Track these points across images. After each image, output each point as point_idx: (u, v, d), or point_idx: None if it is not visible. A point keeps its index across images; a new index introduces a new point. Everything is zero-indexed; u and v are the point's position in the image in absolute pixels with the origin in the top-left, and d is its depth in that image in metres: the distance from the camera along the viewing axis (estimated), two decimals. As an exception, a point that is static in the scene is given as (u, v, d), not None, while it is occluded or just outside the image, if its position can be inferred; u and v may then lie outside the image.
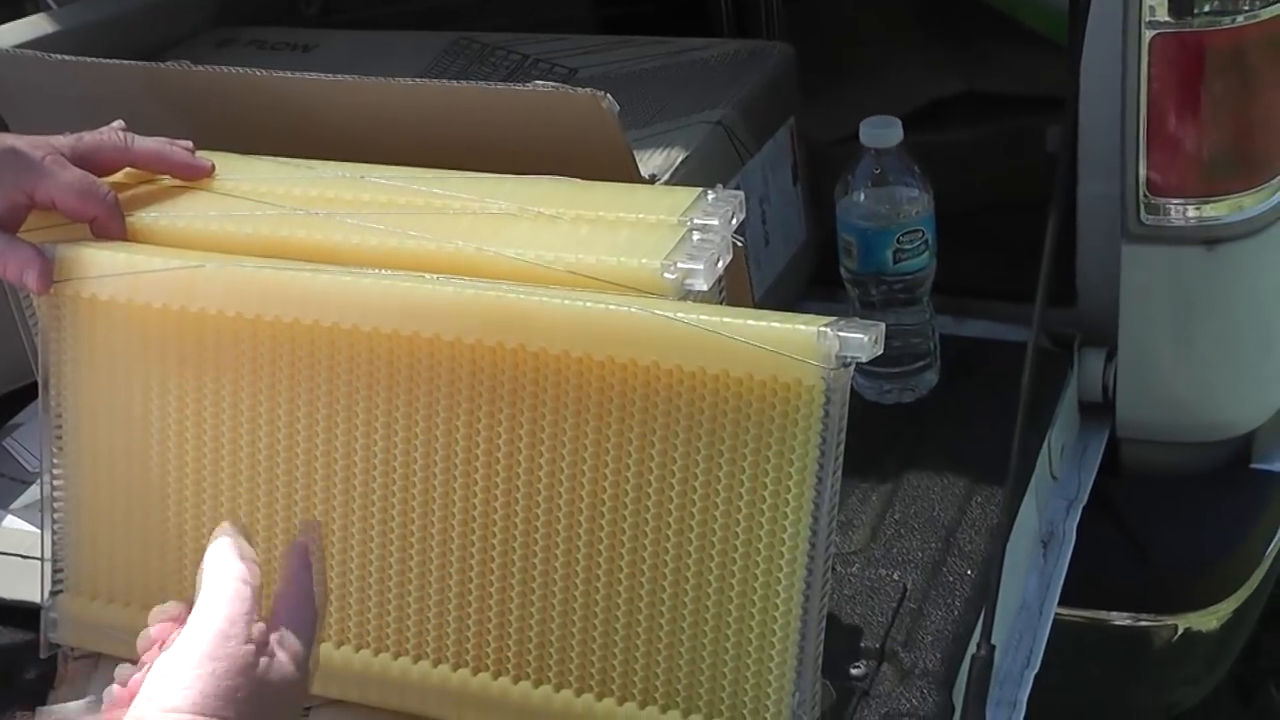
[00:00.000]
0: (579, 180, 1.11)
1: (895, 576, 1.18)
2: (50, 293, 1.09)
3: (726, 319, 0.95)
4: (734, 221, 1.05)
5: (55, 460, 1.13)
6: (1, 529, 1.31)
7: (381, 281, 1.02)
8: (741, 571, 0.98)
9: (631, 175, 1.21)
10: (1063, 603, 1.30)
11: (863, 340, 0.94)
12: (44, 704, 1.13)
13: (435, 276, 1.02)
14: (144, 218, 1.12)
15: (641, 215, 1.06)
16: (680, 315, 0.95)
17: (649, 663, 1.01)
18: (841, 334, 0.94)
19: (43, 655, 1.15)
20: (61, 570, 1.14)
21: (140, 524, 1.11)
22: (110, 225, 1.11)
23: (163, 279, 1.06)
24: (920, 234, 1.31)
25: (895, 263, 1.32)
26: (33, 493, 1.34)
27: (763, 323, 0.95)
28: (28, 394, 1.10)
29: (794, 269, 1.49)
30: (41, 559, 1.15)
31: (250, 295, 1.04)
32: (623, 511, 0.99)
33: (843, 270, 1.36)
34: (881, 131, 1.30)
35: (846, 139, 1.49)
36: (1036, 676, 1.23)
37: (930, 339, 1.37)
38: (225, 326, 1.06)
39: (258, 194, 1.13)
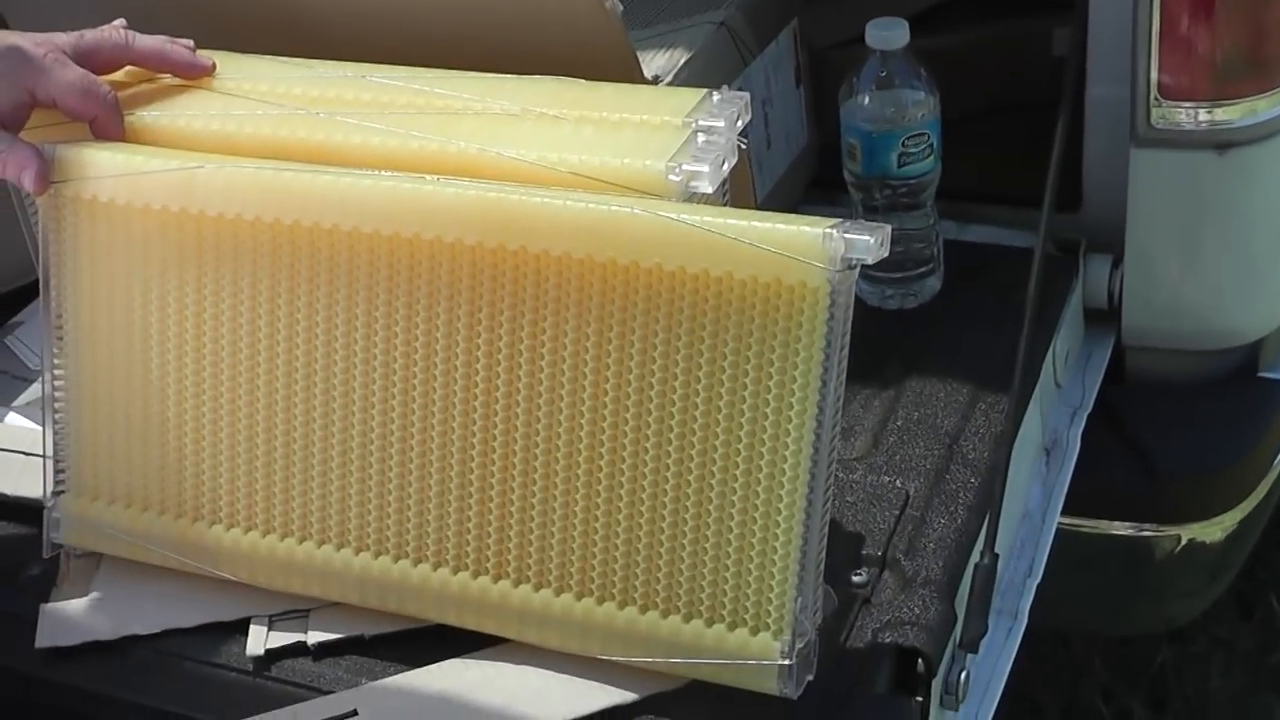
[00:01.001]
0: (582, 81, 1.10)
1: (898, 484, 1.17)
2: (49, 193, 1.07)
3: (730, 220, 0.94)
4: (739, 124, 1.03)
5: (56, 360, 1.12)
6: (3, 426, 1.30)
7: (381, 183, 1.00)
8: (744, 477, 0.97)
9: (634, 76, 1.19)
10: (1064, 512, 1.29)
11: (869, 242, 0.92)
12: (47, 601, 1.13)
13: (435, 178, 1.00)
14: (144, 117, 1.10)
15: (645, 116, 1.04)
16: (683, 216, 0.94)
17: (649, 567, 1.00)
18: (847, 235, 0.92)
19: (45, 555, 1.15)
20: (64, 471, 1.14)
21: (140, 425, 1.11)
22: (110, 125, 1.09)
23: (162, 180, 1.05)
24: (925, 138, 1.29)
25: (900, 166, 1.30)
26: (34, 390, 1.33)
27: (767, 224, 0.94)
28: (30, 292, 1.09)
29: (795, 172, 1.48)
30: (44, 456, 1.14)
31: (249, 197, 1.03)
32: (623, 415, 0.98)
33: (846, 174, 1.34)
34: (888, 33, 1.28)
35: (848, 42, 1.47)
36: (1038, 586, 1.22)
37: (934, 244, 1.35)
38: (224, 228, 1.04)
39: (258, 93, 1.12)
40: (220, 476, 1.09)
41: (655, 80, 1.23)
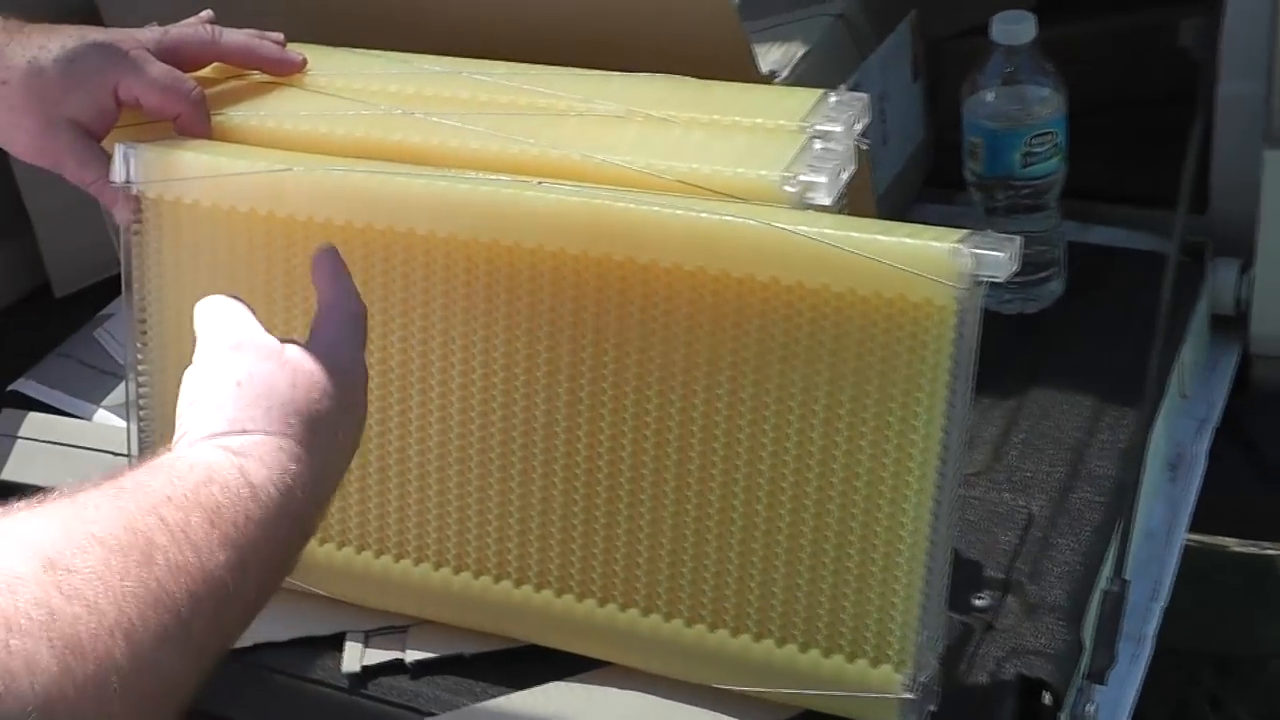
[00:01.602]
0: (691, 79, 1.04)
1: (1020, 502, 1.12)
2: (134, 195, 1.03)
3: (852, 233, 0.88)
4: (857, 128, 0.98)
5: (140, 366, 1.08)
6: (92, 425, 1.27)
7: (480, 187, 0.96)
8: (865, 503, 0.92)
9: (749, 71, 1.14)
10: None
11: (1000, 258, 0.87)
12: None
13: (538, 182, 0.95)
14: (232, 116, 1.06)
15: (759, 120, 0.99)
16: (801, 228, 0.89)
17: (764, 594, 0.95)
18: (977, 250, 0.87)
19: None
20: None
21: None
22: (195, 123, 1.05)
23: (249, 182, 1.00)
24: (1051, 136, 1.23)
25: (1024, 166, 1.24)
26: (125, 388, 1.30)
27: (891, 237, 0.88)
28: (119, 283, 1.05)
29: (911, 169, 1.42)
30: (129, 456, 1.10)
31: (341, 200, 0.99)
32: (738, 435, 0.93)
33: (967, 173, 1.28)
34: (1014, 27, 1.22)
35: (966, 33, 1.41)
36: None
37: (1057, 247, 1.29)
38: (315, 232, 1.00)
39: (351, 91, 1.07)
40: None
41: (771, 76, 1.17)
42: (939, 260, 0.87)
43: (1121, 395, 1.20)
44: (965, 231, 0.89)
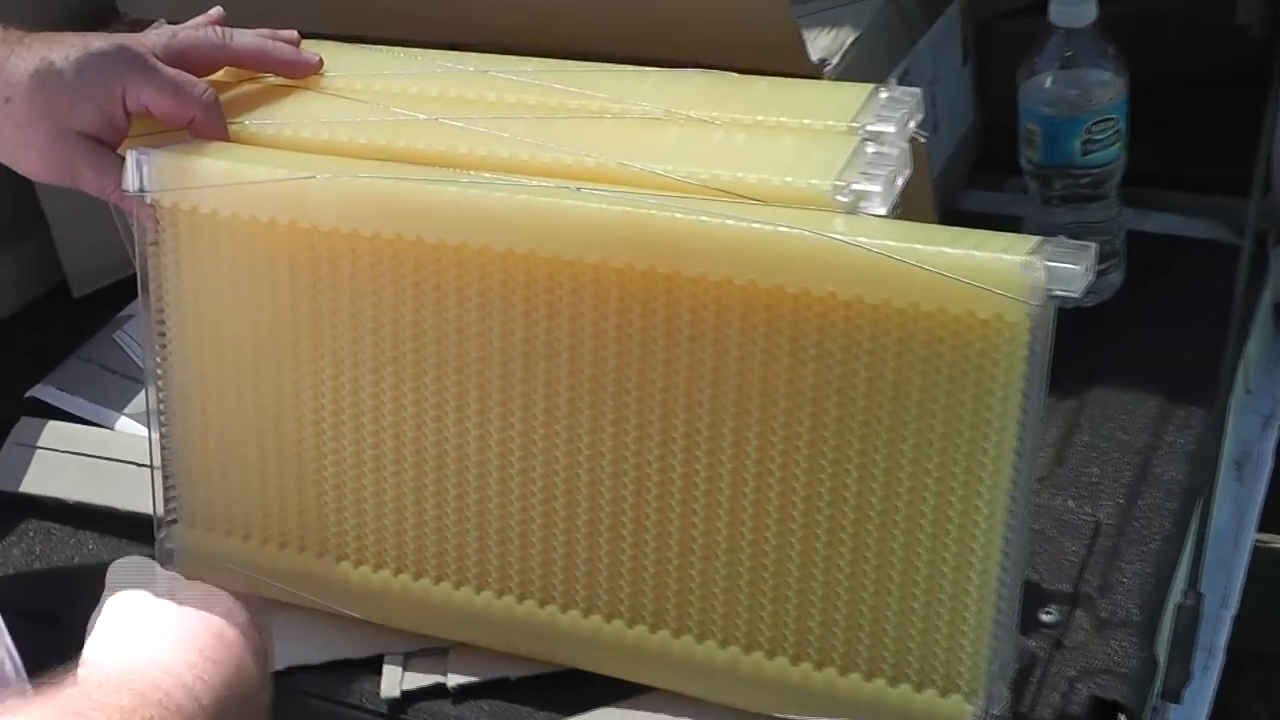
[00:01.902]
0: (731, 74, 0.98)
1: (1086, 509, 1.06)
2: (146, 202, 0.98)
3: (917, 244, 0.83)
4: (911, 125, 0.92)
5: (160, 381, 1.03)
6: (113, 434, 1.22)
7: (515, 196, 0.90)
8: (932, 526, 0.87)
9: (799, 59, 1.08)
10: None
11: (1075, 272, 0.81)
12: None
13: (577, 188, 0.90)
14: (246, 125, 1.00)
15: (806, 120, 0.93)
16: (863, 240, 0.83)
17: (826, 621, 0.90)
18: (1051, 264, 0.81)
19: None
20: (174, 500, 1.05)
21: (257, 454, 1.02)
22: (210, 125, 1.00)
23: (270, 191, 0.95)
24: (1113, 123, 1.17)
25: (1084, 154, 1.18)
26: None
27: (959, 249, 0.82)
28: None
29: (960, 155, 1.36)
30: (152, 466, 1.05)
31: (367, 210, 0.93)
32: (796, 457, 0.88)
33: (1023, 161, 1.22)
34: (1074, 9, 1.15)
35: (1015, 12, 1.35)
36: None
37: (1117, 237, 1.23)
38: (341, 243, 0.95)
39: (371, 93, 1.02)
40: (345, 510, 1.00)
41: (822, 64, 1.12)
42: (1010, 274, 0.81)
43: (1188, 393, 1.15)
44: (1036, 240, 0.83)
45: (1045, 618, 0.99)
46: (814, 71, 1.12)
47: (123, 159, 0.97)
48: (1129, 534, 1.04)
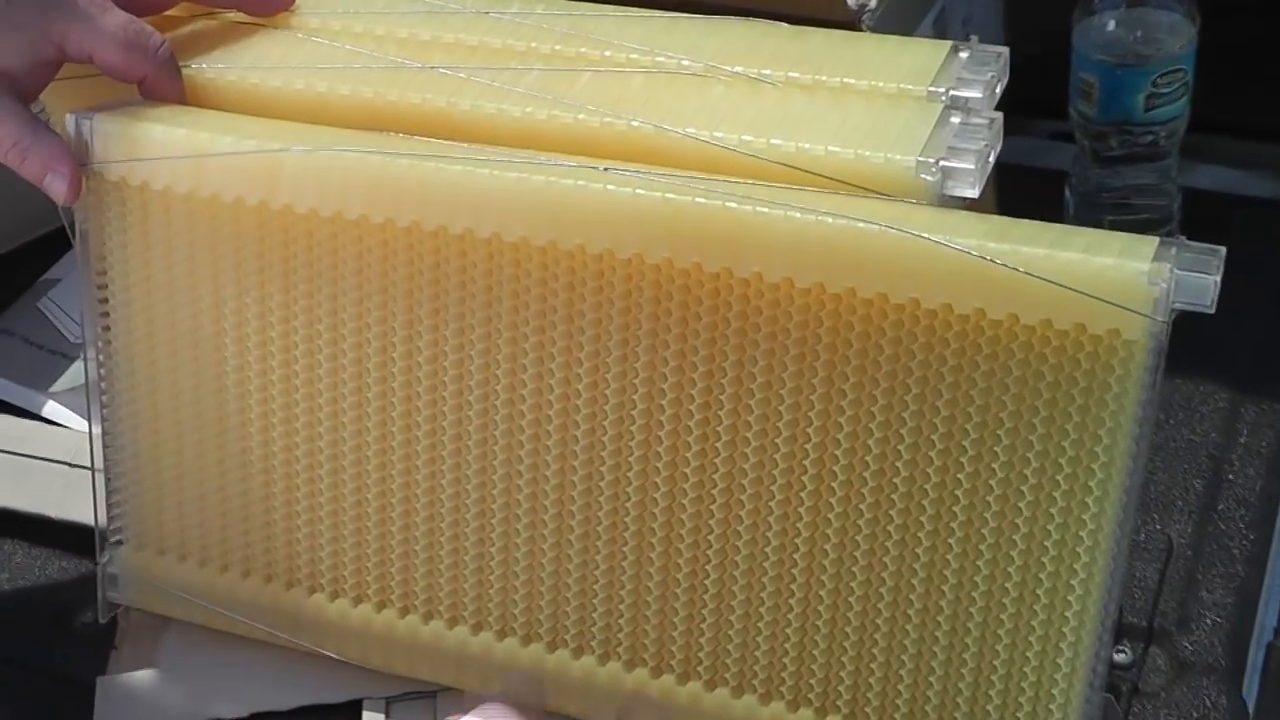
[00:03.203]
0: (779, 24, 0.84)
1: (1157, 526, 0.94)
2: (88, 176, 0.83)
3: (1022, 246, 0.69)
4: (997, 91, 0.79)
5: (102, 385, 0.88)
6: (41, 428, 1.06)
7: (530, 178, 0.75)
8: (1020, 574, 0.74)
9: (832, 3, 0.94)
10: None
11: (1205, 283, 0.68)
12: (105, 656, 0.92)
13: (604, 168, 0.75)
14: (204, 72, 0.85)
15: (875, 81, 0.79)
16: (958, 241, 0.69)
17: (887, 676, 0.78)
18: (1180, 273, 0.68)
19: (102, 620, 0.93)
20: (119, 519, 0.91)
21: (217, 468, 0.87)
22: (163, 85, 0.84)
23: (236, 165, 0.80)
24: (1181, 75, 1.03)
25: (1147, 110, 1.04)
26: (78, 370, 1.10)
27: (1070, 253, 0.69)
28: (64, 239, 0.85)
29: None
30: (93, 468, 0.90)
31: (353, 190, 0.78)
32: (859, 492, 0.75)
33: (1074, 115, 1.07)
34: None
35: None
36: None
37: (1174, 198, 1.10)
38: (320, 229, 0.80)
39: (353, 36, 0.87)
40: (320, 536, 0.86)
41: (861, 8, 0.97)
42: (1132, 284, 0.68)
43: (1256, 386, 1.02)
44: (1155, 243, 0.70)
45: (1119, 657, 0.87)
46: (850, 19, 0.98)
47: (51, 136, 0.82)
48: (1206, 555, 0.92)
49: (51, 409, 1.08)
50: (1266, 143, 1.17)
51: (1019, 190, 1.10)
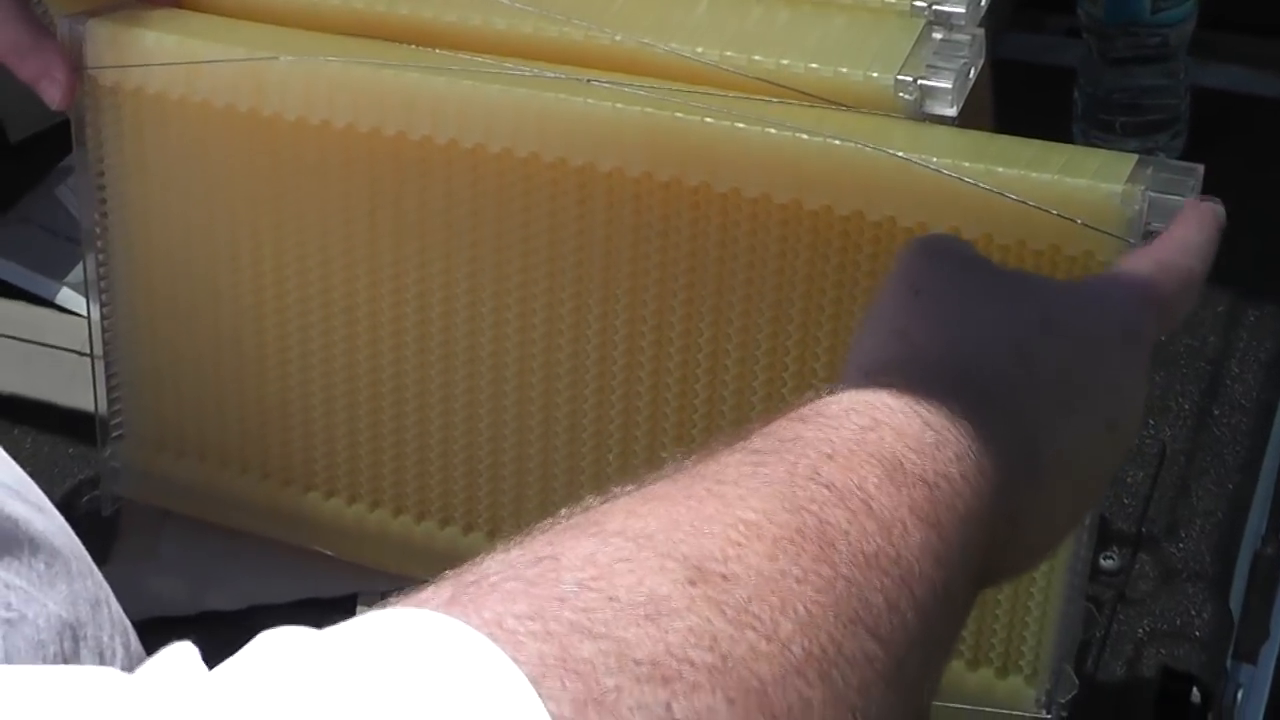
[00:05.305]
0: (770, -65, 0.84)
1: (1150, 430, 0.94)
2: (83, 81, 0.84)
3: (997, 166, 0.69)
4: (982, 4, 0.78)
5: (101, 283, 0.89)
6: (52, 314, 1.08)
7: (515, 89, 0.76)
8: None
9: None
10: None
11: (1179, 205, 0.68)
12: (110, 545, 0.93)
13: (588, 80, 0.76)
14: (201, -24, 0.85)
15: (858, -7, 0.79)
16: (933, 160, 0.69)
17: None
18: (1154, 195, 0.68)
19: (105, 512, 0.94)
20: (120, 414, 0.92)
21: (213, 367, 0.89)
22: (156, -13, 0.85)
23: (226, 72, 0.81)
24: (1192, -29, 1.02)
25: (1154, 12, 1.03)
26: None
27: (1044, 173, 0.69)
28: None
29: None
30: (92, 356, 0.92)
31: (340, 98, 0.79)
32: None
33: (1082, 15, 1.06)
34: None
35: None
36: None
37: (1182, 99, 1.09)
38: (308, 136, 0.81)
39: (345, -55, 0.87)
40: (315, 436, 0.88)
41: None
42: (1106, 205, 0.68)
43: (1260, 285, 1.02)
44: (1133, 161, 0.69)
45: (1106, 563, 0.88)
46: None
47: (48, 40, 0.82)
48: (1199, 462, 0.93)
49: (65, 296, 1.10)
50: (1276, 39, 1.16)
51: (1029, 88, 1.10)
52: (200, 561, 0.93)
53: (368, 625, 0.38)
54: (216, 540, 0.93)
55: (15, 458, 0.99)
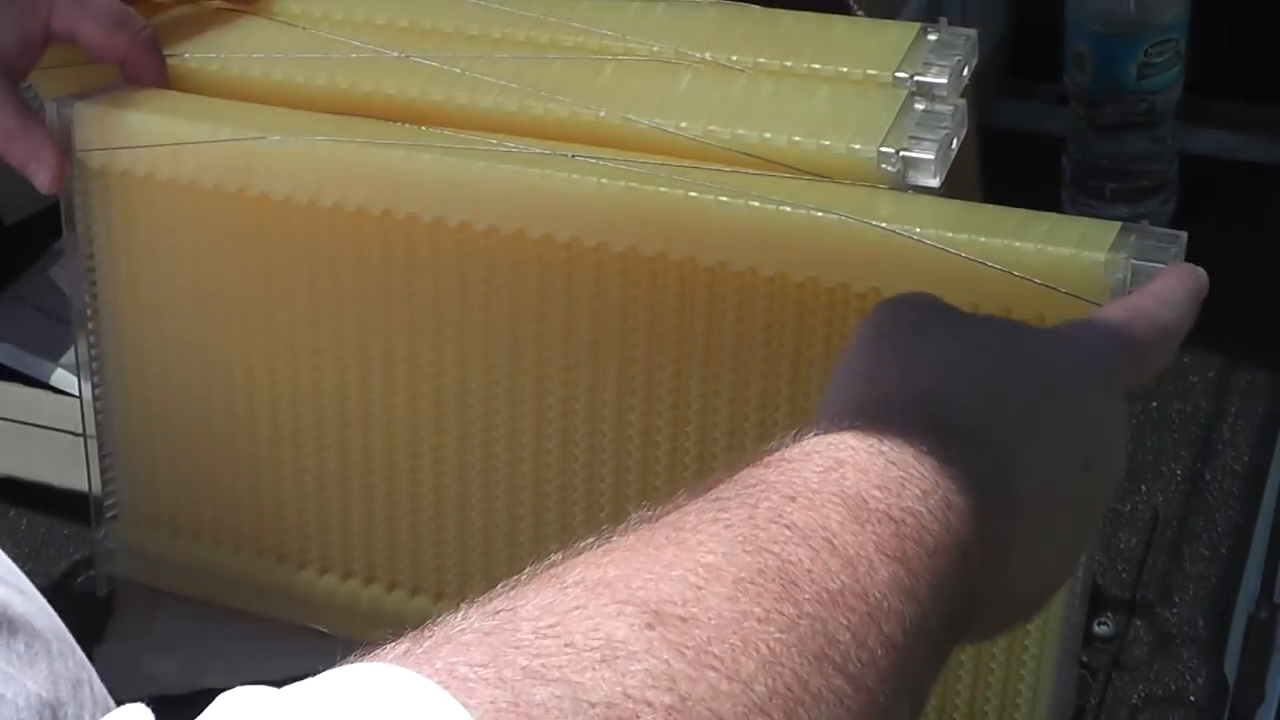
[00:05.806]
0: (750, 6, 0.84)
1: (1142, 495, 0.94)
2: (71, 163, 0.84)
3: (980, 236, 0.70)
4: (965, 74, 0.79)
5: (93, 364, 0.90)
6: (47, 396, 1.08)
7: (498, 166, 0.76)
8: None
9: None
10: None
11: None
12: (104, 625, 0.94)
13: (572, 155, 0.76)
14: (187, 59, 0.86)
15: (842, 66, 0.79)
16: (917, 231, 0.70)
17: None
18: (1136, 262, 0.68)
19: (100, 592, 0.94)
20: (114, 494, 0.92)
21: (206, 447, 0.89)
22: (145, 68, 0.85)
23: (213, 151, 0.81)
24: (1173, 44, 1.03)
25: (1140, 79, 1.04)
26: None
27: (1028, 243, 0.69)
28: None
29: (990, 64, 1.21)
30: (84, 433, 0.92)
31: (327, 178, 0.80)
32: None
33: (1069, 83, 1.07)
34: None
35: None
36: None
37: (1170, 165, 1.10)
38: (297, 216, 0.81)
39: (331, 23, 0.87)
40: (307, 512, 0.88)
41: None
42: (1088, 273, 0.68)
43: (1250, 350, 1.02)
44: (1117, 229, 0.70)
45: (1100, 629, 0.88)
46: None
47: (38, 125, 0.83)
48: (1192, 526, 0.93)
49: (60, 377, 1.10)
50: (1265, 105, 1.16)
51: (1019, 155, 1.10)
52: (195, 640, 0.93)
53: (323, 682, 0.38)
54: (211, 619, 0.93)
55: (11, 539, 1.01)
